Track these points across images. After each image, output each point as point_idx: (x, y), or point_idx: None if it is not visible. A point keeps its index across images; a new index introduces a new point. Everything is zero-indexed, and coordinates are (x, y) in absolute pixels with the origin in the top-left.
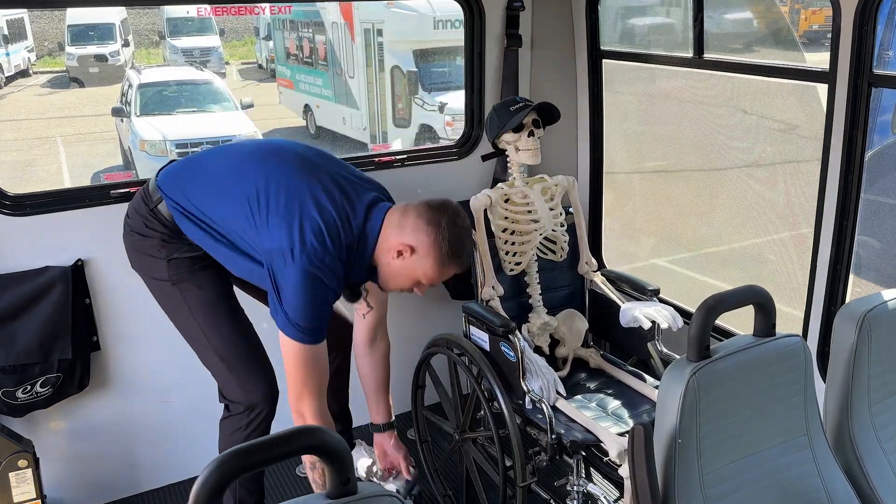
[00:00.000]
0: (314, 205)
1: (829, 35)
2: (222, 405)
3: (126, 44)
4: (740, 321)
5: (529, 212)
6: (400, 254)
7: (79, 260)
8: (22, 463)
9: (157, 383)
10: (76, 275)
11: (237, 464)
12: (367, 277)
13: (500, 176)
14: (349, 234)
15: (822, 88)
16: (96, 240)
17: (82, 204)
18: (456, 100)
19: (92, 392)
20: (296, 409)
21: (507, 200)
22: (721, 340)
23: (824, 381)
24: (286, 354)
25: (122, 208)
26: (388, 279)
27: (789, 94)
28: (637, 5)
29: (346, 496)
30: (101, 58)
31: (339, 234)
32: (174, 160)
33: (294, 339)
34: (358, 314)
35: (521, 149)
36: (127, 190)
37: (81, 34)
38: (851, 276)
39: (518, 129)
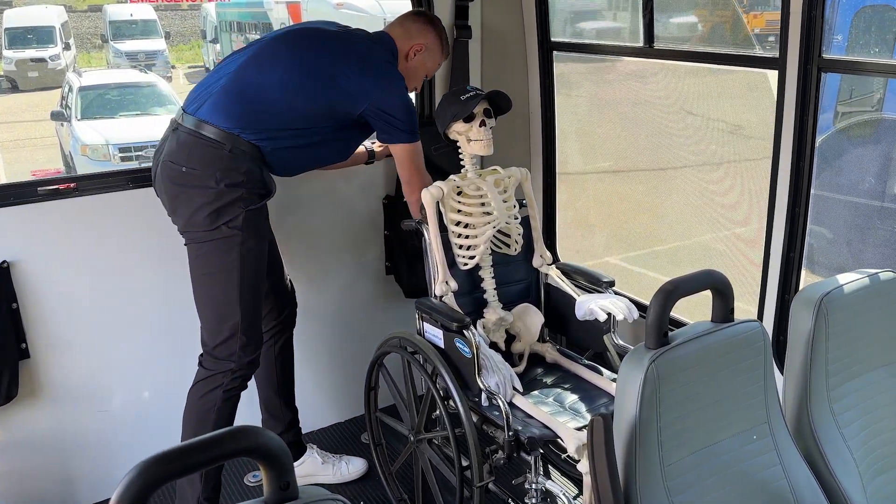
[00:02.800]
0: (359, 41)
1: (772, 38)
2: (197, 368)
3: (67, 47)
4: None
5: (483, 204)
6: (416, 53)
7: (4, 262)
8: None
9: (94, 391)
10: (1, 278)
11: (162, 469)
12: None
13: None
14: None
15: (774, 83)
16: (24, 241)
17: (6, 202)
18: None
19: (21, 402)
20: (415, 193)
21: (459, 193)
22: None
23: (781, 371)
24: (404, 161)
25: (51, 206)
26: (409, 81)
27: (735, 96)
28: (587, 9)
29: (285, 502)
30: (40, 61)
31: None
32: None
33: (410, 142)
34: None
35: (472, 139)
36: (55, 187)
37: (19, 37)
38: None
39: (469, 118)
